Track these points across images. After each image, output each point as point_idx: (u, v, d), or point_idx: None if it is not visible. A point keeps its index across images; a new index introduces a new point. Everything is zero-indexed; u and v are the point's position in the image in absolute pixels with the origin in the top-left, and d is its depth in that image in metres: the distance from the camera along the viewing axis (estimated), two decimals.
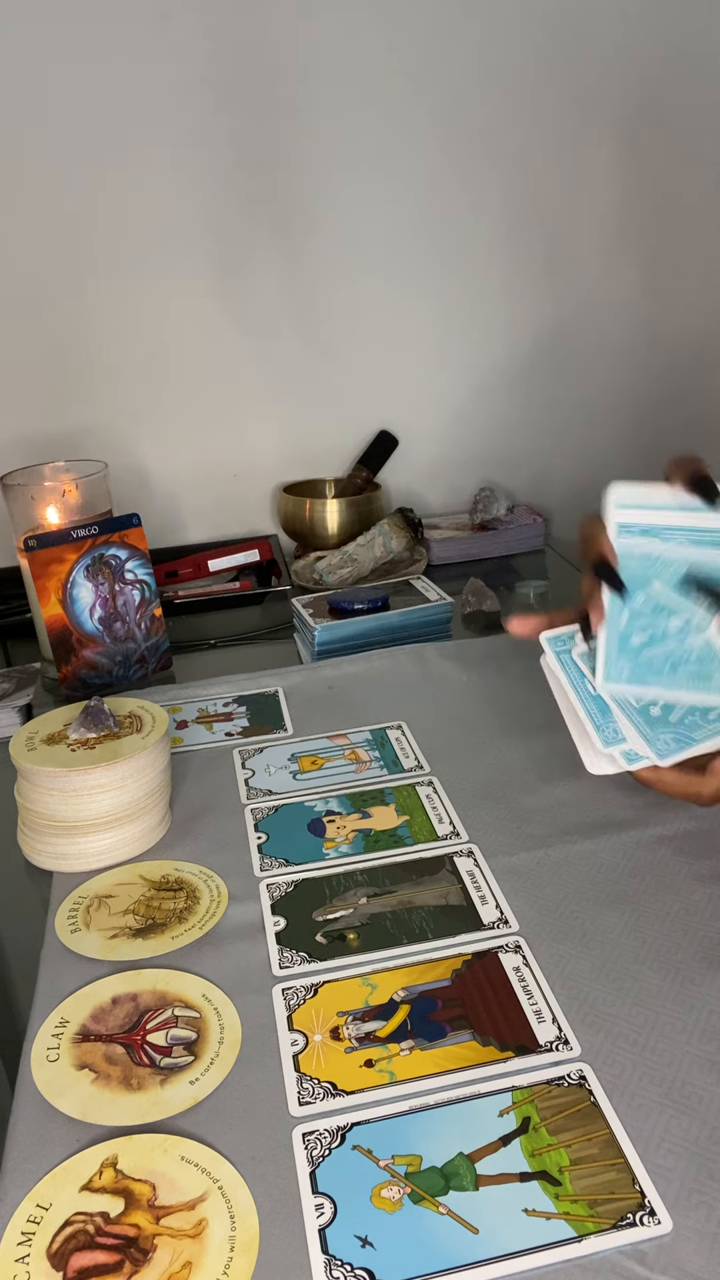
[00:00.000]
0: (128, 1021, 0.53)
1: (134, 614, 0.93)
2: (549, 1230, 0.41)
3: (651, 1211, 0.42)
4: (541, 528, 1.23)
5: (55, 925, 0.61)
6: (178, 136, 1.10)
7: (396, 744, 0.80)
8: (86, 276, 1.14)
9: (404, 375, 1.28)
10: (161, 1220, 0.43)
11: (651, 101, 1.20)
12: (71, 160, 1.08)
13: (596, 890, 0.61)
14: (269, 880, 0.65)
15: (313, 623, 0.96)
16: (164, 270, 1.15)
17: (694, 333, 1.33)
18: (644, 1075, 0.48)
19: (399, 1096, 0.48)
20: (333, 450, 1.29)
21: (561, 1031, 0.51)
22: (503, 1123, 0.46)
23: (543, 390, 1.32)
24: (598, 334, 1.31)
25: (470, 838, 0.67)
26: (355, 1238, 0.42)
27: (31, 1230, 0.43)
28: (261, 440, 1.26)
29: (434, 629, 1.00)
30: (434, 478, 1.33)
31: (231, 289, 1.18)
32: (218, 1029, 0.53)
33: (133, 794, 0.67)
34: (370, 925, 0.60)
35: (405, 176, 1.18)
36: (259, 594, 1.14)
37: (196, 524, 1.27)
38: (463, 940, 0.58)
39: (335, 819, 0.71)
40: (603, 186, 1.24)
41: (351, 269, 1.21)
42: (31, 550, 0.87)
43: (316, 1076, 0.49)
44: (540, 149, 1.20)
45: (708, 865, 0.62)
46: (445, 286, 1.25)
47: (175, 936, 0.60)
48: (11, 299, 1.12)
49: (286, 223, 1.17)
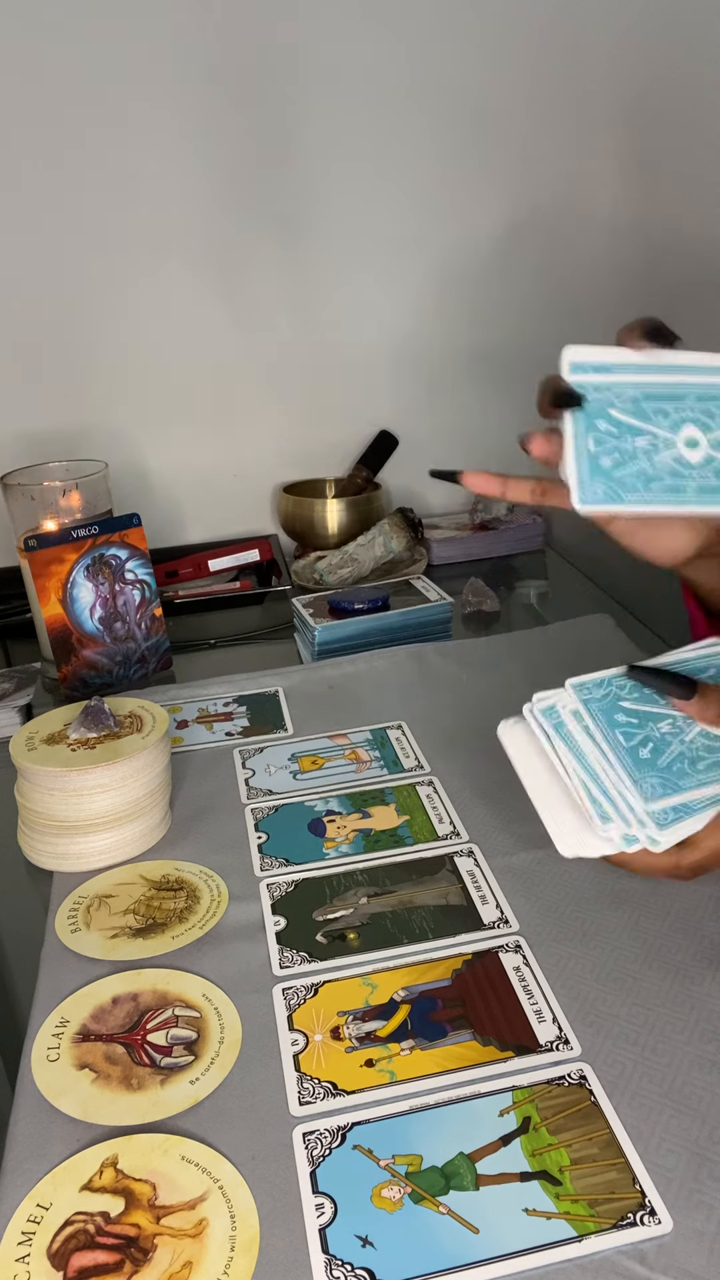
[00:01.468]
0: (128, 1021, 0.53)
1: (134, 614, 0.93)
2: (549, 1230, 0.41)
3: (651, 1211, 0.42)
4: (541, 528, 1.23)
5: (55, 925, 0.61)
6: (178, 136, 1.10)
7: (396, 744, 0.80)
8: (87, 276, 1.14)
9: (404, 375, 1.28)
10: (162, 1220, 0.43)
11: (653, 97, 1.20)
12: (72, 160, 1.08)
13: (596, 890, 0.61)
14: (269, 880, 0.65)
15: (313, 623, 0.96)
16: (165, 270, 1.15)
17: (695, 320, 1.33)
18: (644, 1075, 0.48)
19: (399, 1096, 0.48)
20: (333, 450, 1.29)
21: (561, 1031, 0.51)
22: (503, 1122, 0.46)
23: None
24: (601, 334, 1.31)
25: (470, 838, 0.67)
26: (355, 1237, 0.42)
27: (32, 1230, 0.43)
28: (261, 440, 1.26)
29: (434, 629, 1.00)
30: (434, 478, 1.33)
31: (232, 288, 1.18)
32: (218, 1029, 0.53)
33: (133, 794, 0.67)
34: (370, 925, 0.60)
35: (405, 175, 1.18)
36: (259, 594, 1.14)
37: (196, 524, 1.27)
38: (463, 940, 0.58)
39: (335, 819, 0.71)
40: (603, 185, 1.24)
41: (352, 268, 1.21)
42: (31, 550, 0.87)
43: (317, 1076, 0.49)
44: (540, 148, 1.20)
45: None
46: (446, 286, 1.25)
47: (175, 936, 0.60)
48: (11, 299, 1.12)
49: (287, 222, 1.17)
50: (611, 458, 0.52)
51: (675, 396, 0.52)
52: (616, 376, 0.53)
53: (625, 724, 0.52)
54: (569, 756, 0.51)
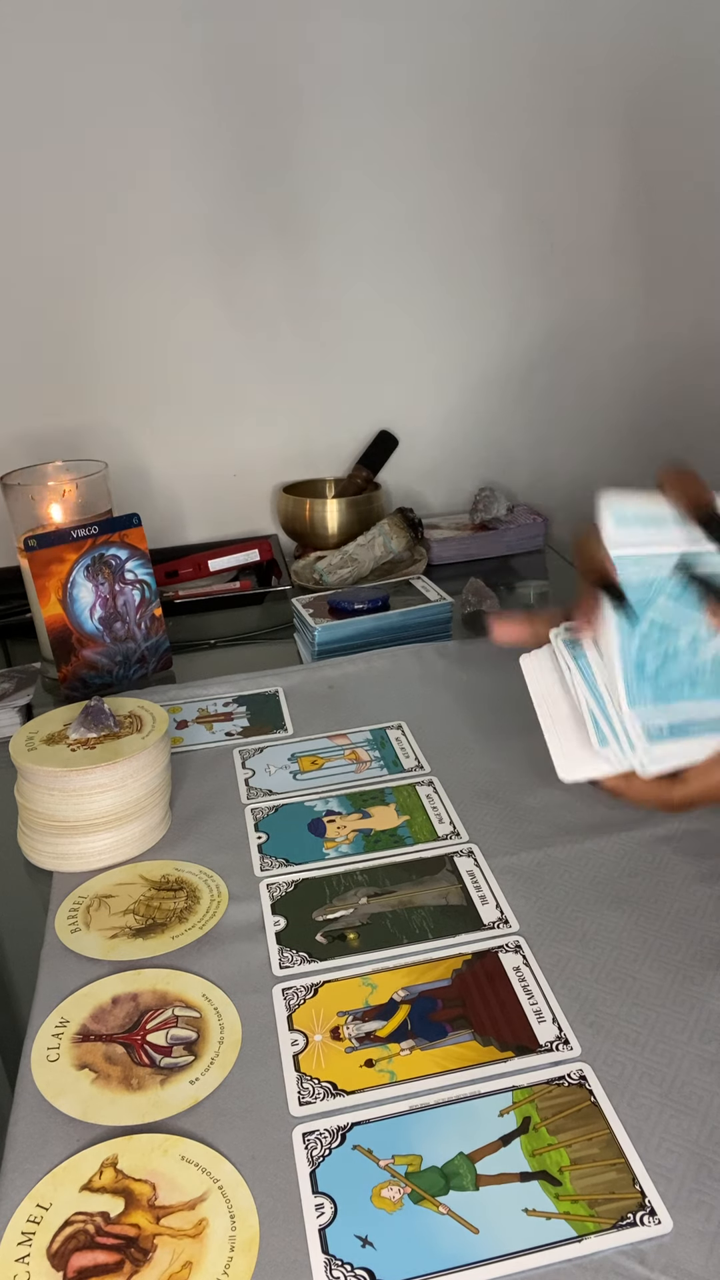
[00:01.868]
0: (128, 1021, 0.53)
1: (134, 614, 0.93)
2: (549, 1230, 0.41)
3: (651, 1211, 0.42)
4: (541, 528, 1.23)
5: (55, 925, 0.61)
6: (179, 136, 1.10)
7: (396, 744, 0.80)
8: (87, 276, 1.14)
9: (404, 375, 1.28)
10: (162, 1220, 0.43)
11: (651, 99, 1.20)
12: (72, 160, 1.08)
13: (596, 890, 0.61)
14: (269, 880, 0.65)
15: (313, 623, 0.96)
16: (165, 270, 1.15)
17: (694, 331, 1.33)
18: (644, 1075, 0.48)
19: (399, 1096, 0.48)
20: (333, 450, 1.29)
21: (561, 1031, 0.51)
22: (503, 1122, 0.46)
23: (543, 390, 1.32)
24: (597, 333, 1.31)
25: (470, 838, 0.67)
26: (355, 1237, 0.42)
27: (32, 1230, 0.43)
28: (261, 440, 1.26)
29: (434, 629, 1.00)
30: (434, 478, 1.33)
31: (232, 288, 1.18)
32: (218, 1029, 0.53)
33: (133, 794, 0.67)
34: (370, 925, 0.60)
35: (405, 176, 1.18)
36: (259, 594, 1.14)
37: (196, 524, 1.27)
38: (463, 940, 0.58)
39: (335, 819, 0.71)
40: (602, 187, 1.24)
41: (352, 268, 1.21)
42: (31, 550, 0.87)
43: (317, 1076, 0.49)
44: (540, 149, 1.20)
45: (708, 865, 0.62)
46: (445, 286, 1.25)
47: (175, 936, 0.60)
48: (12, 299, 1.12)
49: (287, 222, 1.17)
50: (656, 659, 0.51)
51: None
52: (661, 569, 0.51)
53: (645, 632, 0.51)
54: (579, 679, 0.52)
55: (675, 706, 0.51)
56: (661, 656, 0.52)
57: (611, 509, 0.50)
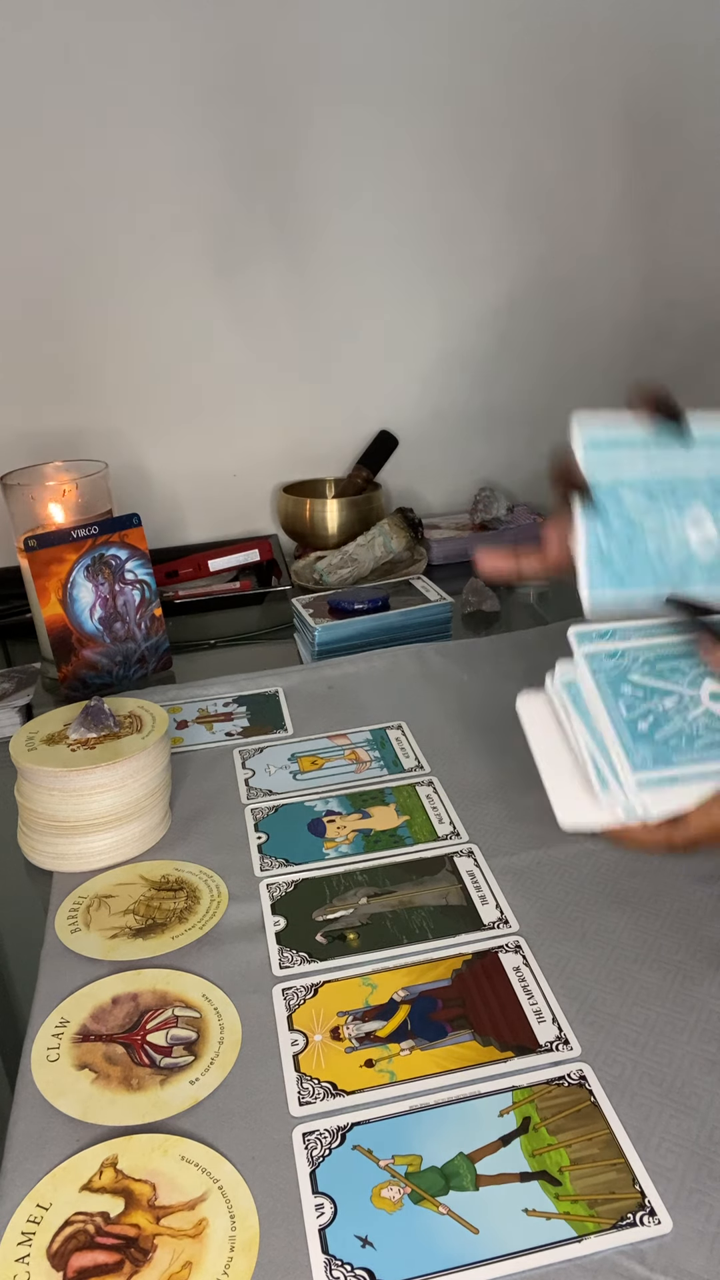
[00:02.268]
0: (128, 1021, 0.53)
1: (134, 614, 0.93)
2: (549, 1230, 0.41)
3: (651, 1211, 0.42)
4: (541, 527, 1.23)
5: (55, 925, 0.61)
6: (179, 136, 1.10)
7: (396, 744, 0.80)
8: (87, 276, 1.14)
9: (404, 375, 1.28)
10: (162, 1220, 0.43)
11: (650, 91, 1.20)
12: (72, 160, 1.08)
13: (596, 890, 0.61)
14: (269, 880, 0.65)
15: (313, 623, 0.96)
16: (165, 270, 1.15)
17: (694, 331, 1.33)
18: (644, 1075, 0.48)
19: (399, 1096, 0.48)
20: (333, 450, 1.29)
21: (561, 1031, 0.51)
22: (503, 1123, 0.46)
23: (543, 390, 1.32)
24: (598, 334, 1.31)
25: (470, 838, 0.67)
26: (355, 1238, 0.42)
27: (32, 1230, 0.43)
28: (261, 440, 1.26)
29: (434, 629, 1.00)
30: (434, 478, 1.33)
31: (232, 289, 1.18)
32: (218, 1029, 0.53)
33: (133, 794, 0.67)
34: (370, 925, 0.60)
35: (406, 176, 1.18)
36: (259, 594, 1.14)
37: (196, 524, 1.27)
38: (463, 940, 0.58)
39: (335, 819, 0.71)
40: (604, 186, 1.24)
41: (352, 268, 1.21)
42: (31, 550, 0.87)
43: (317, 1076, 0.49)
44: (541, 148, 1.20)
45: (708, 865, 0.62)
46: (445, 286, 1.25)
47: (175, 936, 0.60)
48: (12, 299, 1.12)
49: (287, 222, 1.17)
50: (645, 721, 0.53)
51: (687, 482, 0.53)
52: (628, 460, 0.54)
53: (630, 695, 0.52)
54: (580, 725, 0.53)
55: (677, 769, 0.52)
56: (651, 718, 0.53)
57: (583, 425, 0.54)
